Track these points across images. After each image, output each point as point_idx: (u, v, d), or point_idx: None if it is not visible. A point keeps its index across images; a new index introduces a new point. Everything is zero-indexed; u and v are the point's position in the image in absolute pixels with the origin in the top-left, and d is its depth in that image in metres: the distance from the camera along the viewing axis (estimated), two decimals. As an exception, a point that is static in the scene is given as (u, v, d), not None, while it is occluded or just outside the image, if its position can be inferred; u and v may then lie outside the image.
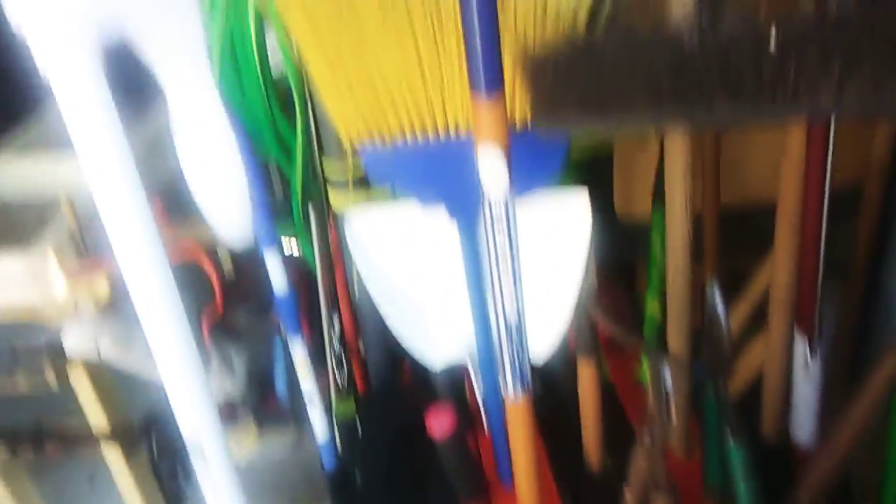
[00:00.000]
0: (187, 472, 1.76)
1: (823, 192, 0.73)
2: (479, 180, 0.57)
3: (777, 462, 0.84)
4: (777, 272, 0.79)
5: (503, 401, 0.83)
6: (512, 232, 0.60)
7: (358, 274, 0.94)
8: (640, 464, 0.68)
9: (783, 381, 0.81)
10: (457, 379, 0.91)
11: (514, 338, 0.68)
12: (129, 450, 1.62)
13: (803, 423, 0.78)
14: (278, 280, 0.95)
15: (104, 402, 1.58)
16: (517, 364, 0.69)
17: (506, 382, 0.70)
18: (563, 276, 0.78)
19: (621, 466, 0.90)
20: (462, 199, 0.76)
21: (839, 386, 0.86)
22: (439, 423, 0.82)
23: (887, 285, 0.99)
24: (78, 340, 1.00)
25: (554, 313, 0.79)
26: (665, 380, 0.58)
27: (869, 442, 0.89)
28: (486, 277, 0.76)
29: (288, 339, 1.00)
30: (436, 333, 0.85)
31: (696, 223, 0.82)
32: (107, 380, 1.59)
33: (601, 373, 0.85)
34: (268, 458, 1.72)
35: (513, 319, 0.67)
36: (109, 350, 1.04)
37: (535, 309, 0.71)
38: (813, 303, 0.74)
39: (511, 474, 0.89)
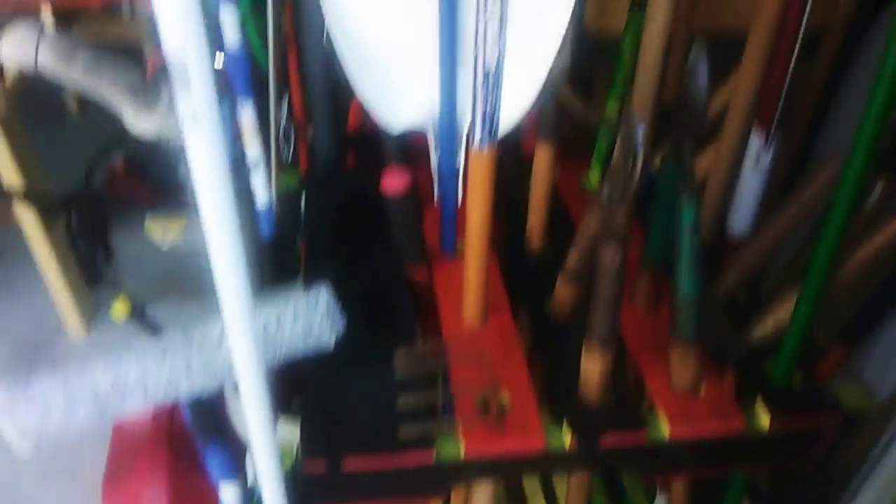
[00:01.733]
0: (108, 250, 1.73)
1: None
2: None
3: (711, 254, 0.90)
4: (744, 72, 0.80)
5: (456, 167, 0.84)
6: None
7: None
8: (590, 222, 0.70)
9: (730, 176, 0.84)
10: (405, 147, 0.91)
11: (489, 86, 0.67)
12: (48, 219, 1.57)
13: (742, 217, 0.82)
14: (232, 35, 0.89)
15: (22, 167, 1.50)
16: (488, 114, 0.68)
17: (473, 132, 0.69)
18: (541, 43, 0.76)
19: (557, 255, 0.94)
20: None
21: (780, 187, 0.90)
22: (394, 180, 0.82)
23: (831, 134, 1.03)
24: (15, 48, 0.92)
25: (525, 81, 0.78)
26: (637, 133, 0.59)
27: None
28: (466, 22, 0.73)
29: (238, 101, 0.95)
30: (400, 94, 0.83)
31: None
32: (27, 145, 1.50)
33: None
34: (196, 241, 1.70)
35: (491, 66, 0.66)
36: (48, 61, 0.96)
37: (508, 70, 0.70)
38: (775, 104, 0.76)
39: (454, 245, 0.91)
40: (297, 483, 0.68)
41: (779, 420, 0.73)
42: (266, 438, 0.58)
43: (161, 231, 1.67)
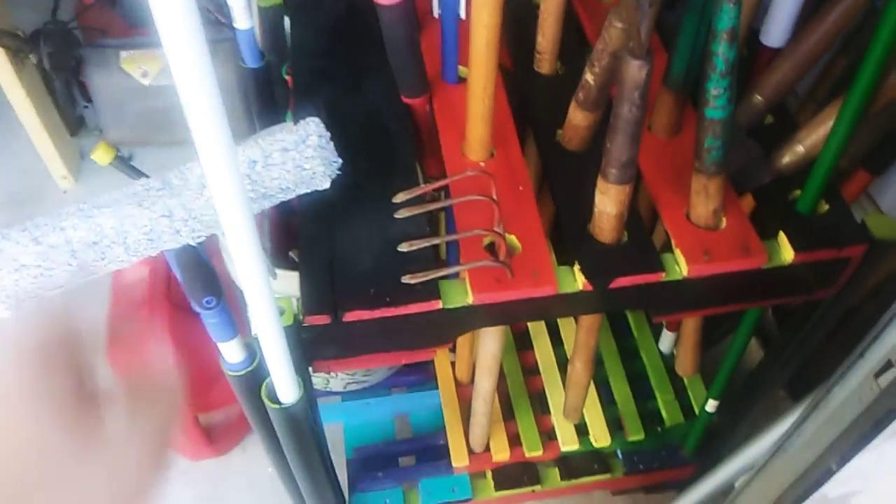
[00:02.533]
0: (84, 89, 1.63)
1: None
2: None
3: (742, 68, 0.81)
4: None
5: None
6: None
7: None
8: (613, 31, 0.61)
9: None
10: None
11: None
12: (18, 60, 1.46)
13: (777, 23, 0.73)
14: None
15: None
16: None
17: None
18: None
19: (571, 79, 0.85)
20: None
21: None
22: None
23: None
24: None
25: None
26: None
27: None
28: None
29: None
30: None
31: None
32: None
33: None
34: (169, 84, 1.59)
35: None
36: None
37: None
38: None
39: (456, 71, 0.82)
40: (299, 338, 0.65)
41: (804, 254, 0.69)
42: (261, 293, 0.54)
43: (139, 68, 1.56)
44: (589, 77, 0.67)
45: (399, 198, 0.70)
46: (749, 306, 0.76)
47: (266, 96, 1.02)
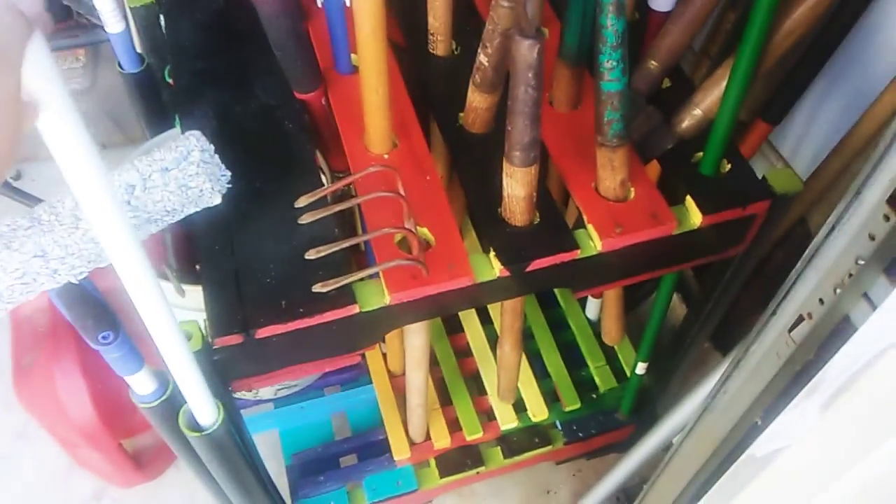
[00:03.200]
0: None
1: None
2: None
3: (634, 34, 0.81)
4: None
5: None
6: None
7: None
8: (501, 10, 0.59)
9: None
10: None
11: None
12: None
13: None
14: None
15: None
16: None
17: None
18: None
19: (468, 52, 0.83)
20: None
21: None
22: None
23: None
24: None
25: None
26: None
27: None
28: None
29: None
30: None
31: None
32: None
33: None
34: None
35: None
36: None
37: None
38: None
39: (348, 60, 0.79)
40: (212, 360, 0.62)
41: (711, 216, 0.69)
42: (163, 324, 0.51)
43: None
44: (483, 58, 0.65)
45: (301, 202, 0.66)
46: (665, 272, 0.77)
47: (152, 101, 0.96)
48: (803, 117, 0.98)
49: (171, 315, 0.51)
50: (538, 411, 1.11)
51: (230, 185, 0.56)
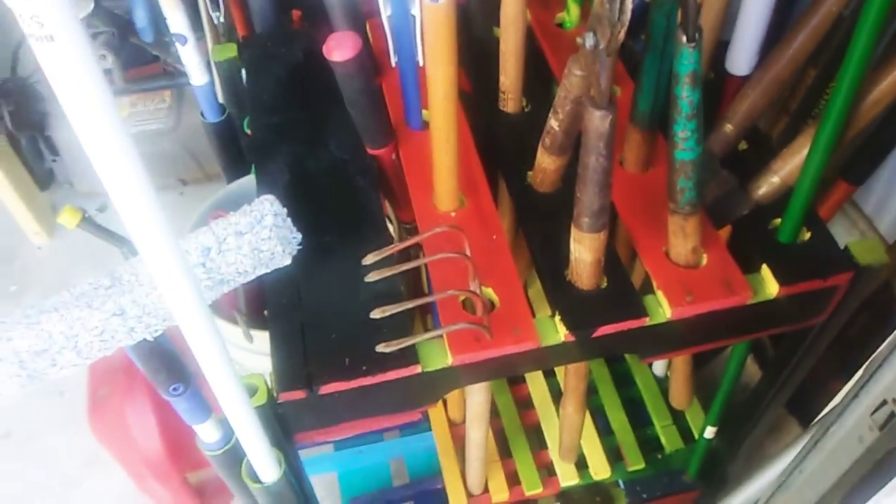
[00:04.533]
0: (50, 143, 1.60)
1: None
2: None
3: (709, 94, 0.79)
4: None
5: (413, 24, 0.71)
6: None
7: None
8: (573, 79, 0.59)
9: (722, 11, 0.72)
10: (356, 12, 0.77)
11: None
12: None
13: (743, 50, 0.71)
14: None
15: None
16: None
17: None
18: None
19: (538, 116, 0.83)
20: None
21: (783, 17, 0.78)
22: (341, 45, 0.69)
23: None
24: None
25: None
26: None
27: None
28: None
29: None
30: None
31: None
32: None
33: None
34: (143, 124, 1.56)
35: None
36: None
37: None
38: None
39: (420, 117, 0.80)
40: (276, 413, 0.63)
41: (789, 286, 0.67)
42: (226, 383, 0.52)
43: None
44: (553, 123, 0.65)
45: (369, 259, 0.67)
46: (738, 341, 0.74)
47: (231, 148, 0.99)
48: (887, 175, 0.94)
49: (235, 375, 0.53)
50: (600, 469, 1.08)
51: (302, 240, 0.57)
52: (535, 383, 1.16)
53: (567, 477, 1.07)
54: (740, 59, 0.71)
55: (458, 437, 1.11)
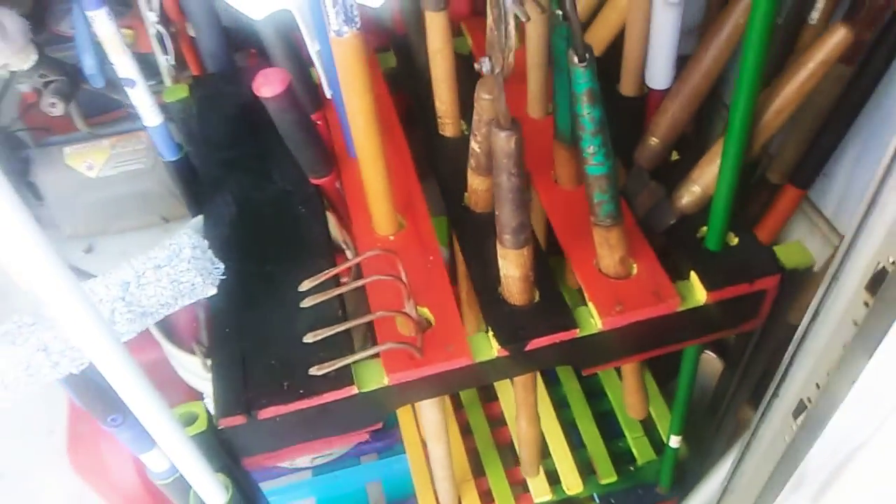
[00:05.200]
0: (34, 188, 1.63)
1: None
2: None
3: (634, 112, 0.81)
4: None
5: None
6: None
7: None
8: (483, 102, 0.61)
9: (643, 28, 0.74)
10: (295, 48, 0.80)
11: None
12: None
13: (658, 67, 0.73)
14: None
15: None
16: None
17: (327, 17, 0.59)
18: None
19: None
20: None
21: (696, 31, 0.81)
22: (269, 81, 0.71)
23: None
24: None
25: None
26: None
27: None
28: None
29: (88, 14, 0.83)
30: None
31: None
32: None
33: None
34: (123, 165, 1.60)
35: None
36: None
37: None
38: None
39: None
40: (220, 439, 0.64)
41: (716, 292, 0.68)
42: (155, 415, 0.54)
43: (84, 162, 1.57)
44: (474, 146, 0.67)
45: (305, 285, 0.69)
46: (675, 347, 0.75)
47: (191, 185, 1.02)
48: (843, 176, 0.95)
49: (163, 406, 0.54)
50: (573, 484, 1.08)
51: (224, 277, 0.59)
52: (507, 400, 1.16)
53: (540, 493, 1.08)
54: (658, 74, 0.74)
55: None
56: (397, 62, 0.98)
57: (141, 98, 0.89)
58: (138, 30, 1.24)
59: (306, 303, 0.68)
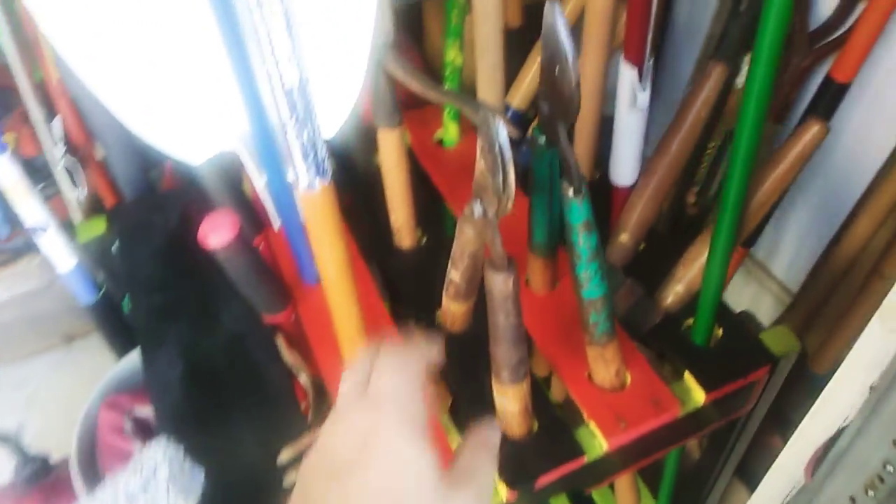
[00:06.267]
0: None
1: None
2: None
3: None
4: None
5: (291, 188, 0.68)
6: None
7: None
8: (466, 236, 0.57)
9: (598, 118, 0.73)
10: (230, 172, 0.73)
11: (299, 112, 0.50)
12: None
13: (623, 165, 0.72)
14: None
15: None
16: (308, 146, 0.52)
17: (296, 171, 0.53)
18: (354, 22, 0.60)
19: (436, 240, 0.81)
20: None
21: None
22: (217, 228, 0.65)
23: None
24: None
25: (345, 73, 0.62)
26: (499, 135, 0.45)
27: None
28: (245, 31, 0.56)
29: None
30: (184, 117, 0.64)
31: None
32: None
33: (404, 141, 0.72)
34: (14, 288, 1.44)
35: (293, 84, 0.49)
36: None
37: (322, 71, 0.54)
38: (643, 28, 0.63)
39: (314, 272, 0.76)
40: None
41: (714, 392, 0.66)
42: None
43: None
44: (454, 276, 0.63)
45: (286, 456, 0.62)
46: (672, 448, 0.73)
47: (115, 325, 0.92)
48: (773, 222, 0.97)
49: None
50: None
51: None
52: None
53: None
54: (623, 172, 0.72)
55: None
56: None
57: (52, 243, 0.79)
58: (20, 132, 1.12)
59: (284, 456, 0.61)
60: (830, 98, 0.78)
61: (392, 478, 0.30)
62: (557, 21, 0.43)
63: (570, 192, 0.51)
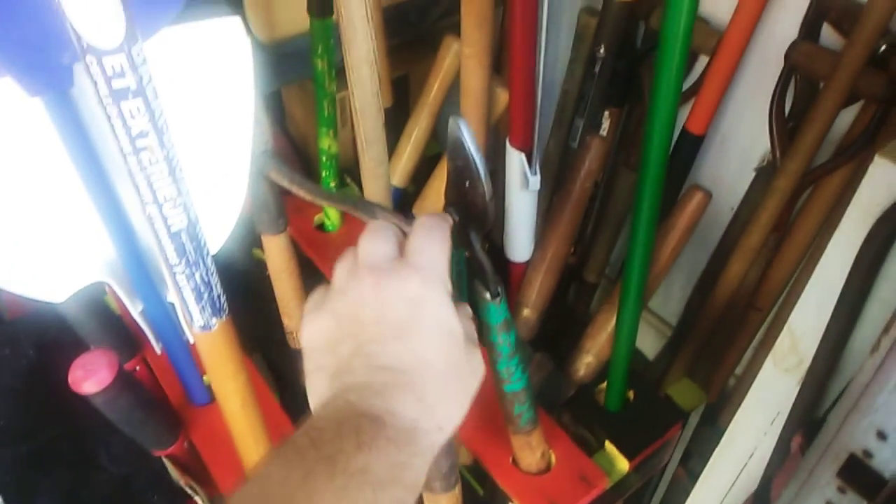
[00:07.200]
0: None
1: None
2: (70, 27, 0.31)
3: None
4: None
5: (170, 312, 0.61)
6: (149, 95, 0.36)
7: None
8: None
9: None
10: (92, 301, 0.65)
11: (189, 253, 0.45)
12: None
13: (518, 243, 0.72)
14: None
15: None
16: (202, 285, 0.47)
17: (189, 314, 0.48)
18: (230, 138, 0.55)
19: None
20: (44, 62, 0.45)
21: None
22: (92, 371, 0.57)
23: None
24: None
25: (227, 187, 0.57)
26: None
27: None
28: (116, 173, 0.49)
29: None
30: (43, 256, 0.56)
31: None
32: None
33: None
34: None
35: (181, 226, 0.44)
36: None
37: (203, 186, 0.49)
38: (528, 114, 0.64)
39: (203, 391, 0.70)
40: None
41: (635, 458, 0.67)
42: None
43: None
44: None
45: None
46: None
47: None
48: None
49: None
50: None
51: None
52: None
53: None
54: (518, 249, 0.72)
55: None
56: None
57: None
58: None
59: None
60: (688, 148, 0.83)
61: (439, 340, 0.37)
62: (465, 136, 0.42)
63: (487, 295, 0.50)
